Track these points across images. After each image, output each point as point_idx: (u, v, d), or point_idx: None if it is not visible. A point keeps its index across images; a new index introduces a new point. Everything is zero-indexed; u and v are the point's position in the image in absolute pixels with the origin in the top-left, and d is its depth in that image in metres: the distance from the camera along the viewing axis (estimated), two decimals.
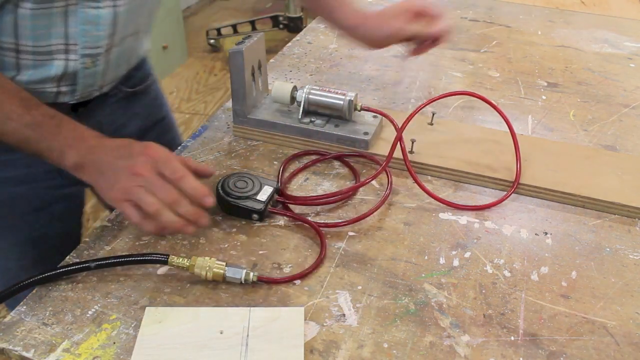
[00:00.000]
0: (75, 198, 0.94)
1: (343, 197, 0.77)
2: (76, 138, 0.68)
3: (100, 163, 0.67)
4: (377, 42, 0.94)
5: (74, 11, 0.71)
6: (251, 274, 0.63)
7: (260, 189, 0.74)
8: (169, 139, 1.06)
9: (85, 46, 0.75)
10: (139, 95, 0.96)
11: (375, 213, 0.75)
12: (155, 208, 0.63)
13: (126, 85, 0.93)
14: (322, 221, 0.74)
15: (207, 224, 0.66)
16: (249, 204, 0.72)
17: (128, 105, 0.94)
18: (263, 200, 0.73)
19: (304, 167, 0.84)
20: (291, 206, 0.76)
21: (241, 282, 0.63)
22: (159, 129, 1.03)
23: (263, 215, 0.73)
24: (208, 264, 0.63)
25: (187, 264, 0.63)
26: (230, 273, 0.63)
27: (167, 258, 0.64)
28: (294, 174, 0.83)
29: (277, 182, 0.79)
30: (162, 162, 0.65)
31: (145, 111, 0.98)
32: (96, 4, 0.72)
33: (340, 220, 0.73)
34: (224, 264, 0.64)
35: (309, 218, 0.74)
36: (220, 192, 0.73)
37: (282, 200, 0.76)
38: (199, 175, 0.70)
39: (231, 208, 0.73)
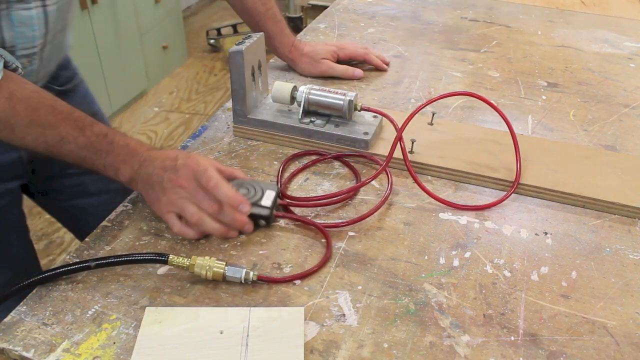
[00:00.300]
0: (13, 194, 0.95)
1: (344, 198, 0.77)
2: (128, 154, 0.71)
3: (150, 176, 0.70)
4: (309, 75, 1.11)
5: (6, 15, 0.72)
6: (251, 273, 0.63)
7: (263, 194, 0.73)
8: None
9: (21, 47, 0.77)
10: (69, 94, 1.00)
11: (375, 213, 0.75)
12: (197, 217, 0.68)
13: (55, 84, 0.96)
14: (322, 221, 0.74)
15: (251, 229, 0.71)
16: (255, 210, 0.71)
17: None
18: (268, 205, 0.71)
19: (304, 168, 0.84)
20: (291, 207, 0.76)
21: (241, 282, 0.63)
22: None
23: (270, 220, 0.72)
24: (208, 264, 0.63)
25: (187, 263, 0.63)
26: (230, 272, 0.63)
27: (167, 258, 0.64)
28: (293, 175, 0.83)
29: (278, 184, 0.79)
30: (199, 172, 0.68)
31: (76, 108, 1.03)
32: (26, 5, 0.73)
33: (340, 221, 0.73)
34: (224, 263, 0.64)
35: (309, 218, 0.74)
36: None
37: (284, 203, 0.76)
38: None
39: None
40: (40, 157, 0.74)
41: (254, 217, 0.71)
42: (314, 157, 0.86)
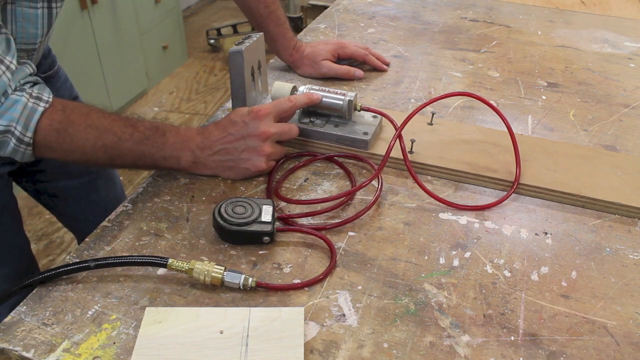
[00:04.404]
0: (4, 179, 0.95)
1: (343, 203, 0.77)
2: (183, 141, 0.77)
3: (222, 153, 0.77)
4: (309, 77, 1.12)
5: (11, 9, 0.74)
6: (250, 279, 0.63)
7: (260, 209, 0.71)
8: None
9: (22, 42, 0.78)
10: (51, 80, 1.02)
11: (375, 213, 0.75)
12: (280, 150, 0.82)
13: (40, 71, 0.97)
14: (318, 221, 0.74)
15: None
16: (257, 227, 0.69)
17: None
18: (269, 220, 0.70)
19: (295, 168, 0.84)
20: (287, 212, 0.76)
21: (239, 288, 0.63)
22: None
23: (273, 235, 0.70)
24: (207, 268, 0.63)
25: (186, 267, 0.63)
26: (229, 278, 0.63)
27: (167, 261, 0.63)
28: (285, 176, 0.83)
29: (272, 200, 0.75)
30: (278, 108, 0.79)
31: (59, 93, 1.04)
32: (33, 4, 0.75)
33: (336, 221, 0.73)
34: (223, 268, 0.63)
35: (309, 226, 0.74)
36: (222, 222, 0.69)
37: (283, 216, 0.74)
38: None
39: (239, 236, 0.69)
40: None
41: (258, 235, 0.69)
42: (304, 159, 0.86)
